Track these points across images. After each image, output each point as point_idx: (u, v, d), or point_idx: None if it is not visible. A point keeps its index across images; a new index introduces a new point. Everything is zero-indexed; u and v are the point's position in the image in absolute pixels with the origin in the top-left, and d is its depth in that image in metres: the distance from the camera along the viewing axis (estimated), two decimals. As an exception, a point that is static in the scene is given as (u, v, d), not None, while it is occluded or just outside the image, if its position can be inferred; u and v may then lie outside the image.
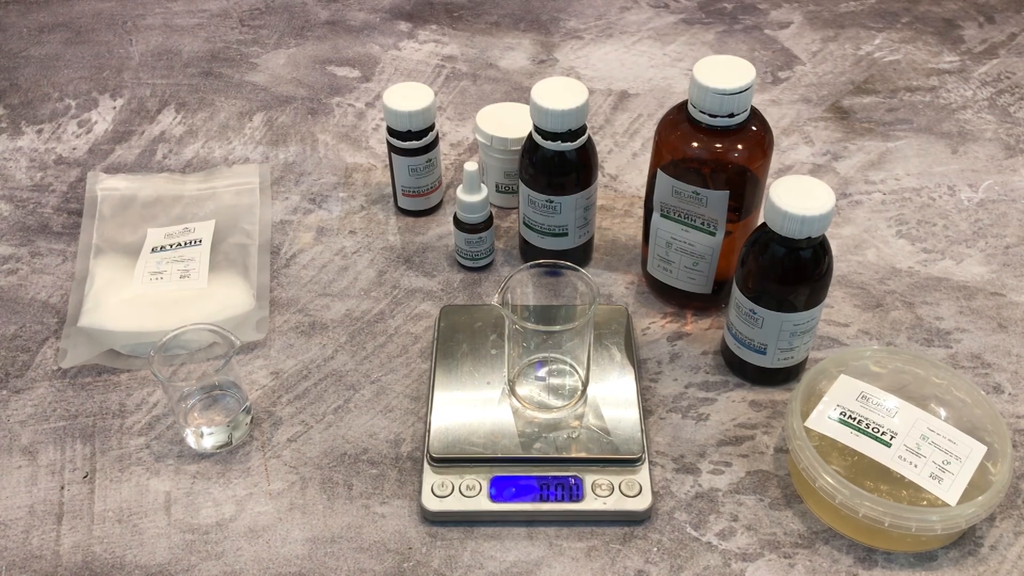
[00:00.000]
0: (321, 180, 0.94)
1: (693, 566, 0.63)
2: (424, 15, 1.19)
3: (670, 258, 0.77)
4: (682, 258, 0.76)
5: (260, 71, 1.09)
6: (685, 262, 0.76)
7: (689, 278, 0.77)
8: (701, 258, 0.75)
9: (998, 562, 0.63)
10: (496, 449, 0.67)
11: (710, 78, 0.67)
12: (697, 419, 0.72)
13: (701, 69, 0.68)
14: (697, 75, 0.67)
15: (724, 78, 0.66)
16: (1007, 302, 0.81)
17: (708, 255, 0.74)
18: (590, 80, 1.07)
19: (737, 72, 0.67)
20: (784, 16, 1.18)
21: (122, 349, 0.76)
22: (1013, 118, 1.01)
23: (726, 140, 0.69)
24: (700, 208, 0.71)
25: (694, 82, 0.67)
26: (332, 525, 0.65)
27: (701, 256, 0.75)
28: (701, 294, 0.78)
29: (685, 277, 0.77)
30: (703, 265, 0.75)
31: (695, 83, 0.67)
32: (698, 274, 0.76)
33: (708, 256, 0.74)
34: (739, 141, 0.69)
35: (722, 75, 0.67)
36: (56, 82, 1.07)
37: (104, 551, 0.64)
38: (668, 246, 0.76)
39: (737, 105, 0.67)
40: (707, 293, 0.78)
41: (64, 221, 0.89)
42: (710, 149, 0.69)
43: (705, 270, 0.76)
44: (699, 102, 0.68)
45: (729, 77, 0.67)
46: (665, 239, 0.76)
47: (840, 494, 0.61)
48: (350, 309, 0.80)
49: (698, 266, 0.76)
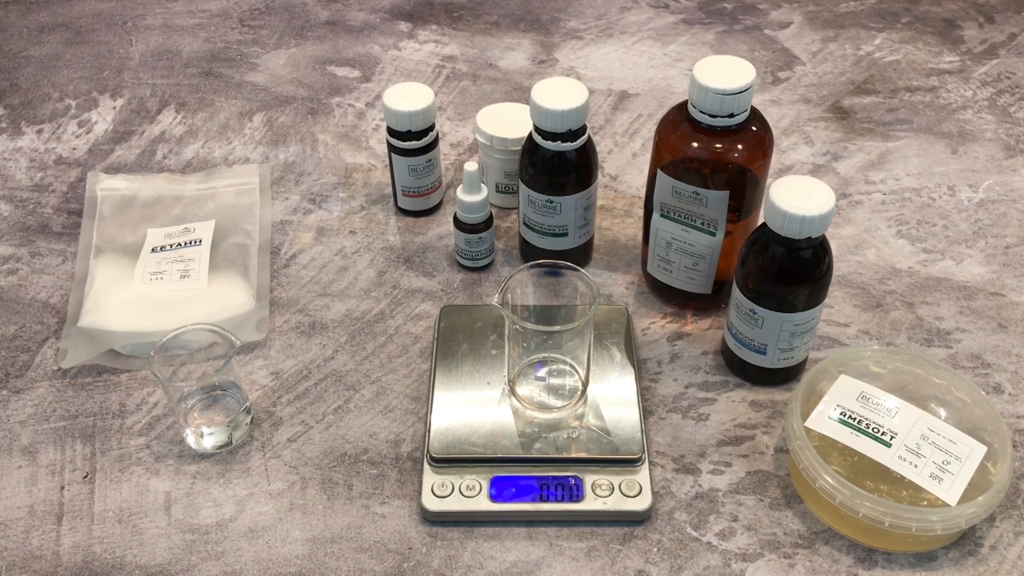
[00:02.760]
0: (321, 180, 0.94)
1: (693, 566, 0.63)
2: (424, 15, 1.19)
3: (670, 258, 0.76)
4: (682, 258, 0.76)
5: (260, 71, 1.09)
6: (685, 262, 0.76)
7: (689, 278, 0.77)
8: (701, 258, 0.75)
9: (998, 562, 0.63)
10: (496, 449, 0.67)
11: (710, 78, 0.67)
12: (697, 419, 0.72)
13: (701, 69, 0.68)
14: (697, 75, 0.67)
15: (724, 78, 0.66)
16: (1007, 302, 0.81)
17: (708, 255, 0.74)
18: (590, 80, 1.07)
19: (737, 72, 0.67)
20: (784, 16, 1.18)
21: (122, 349, 0.76)
22: (1013, 118, 1.01)
23: (726, 140, 0.69)
24: (700, 208, 0.71)
25: (694, 82, 0.67)
26: (332, 525, 0.65)
27: (701, 256, 0.75)
28: (701, 294, 0.78)
29: (685, 277, 0.77)
30: (703, 265, 0.75)
31: (695, 83, 0.67)
32: (698, 274, 0.76)
33: (708, 256, 0.74)
34: (739, 141, 0.69)
35: (722, 75, 0.67)
36: (56, 82, 1.07)
37: (104, 551, 0.64)
38: (668, 246, 0.76)
39: (737, 105, 0.67)
40: (707, 293, 0.78)
41: (64, 221, 0.89)
42: (710, 149, 0.69)
43: (705, 270, 0.76)
44: (699, 102, 0.68)
45: (729, 77, 0.67)
46: (665, 239, 0.76)
47: (840, 494, 0.61)
48: (350, 309, 0.80)
49: (698, 266, 0.76)
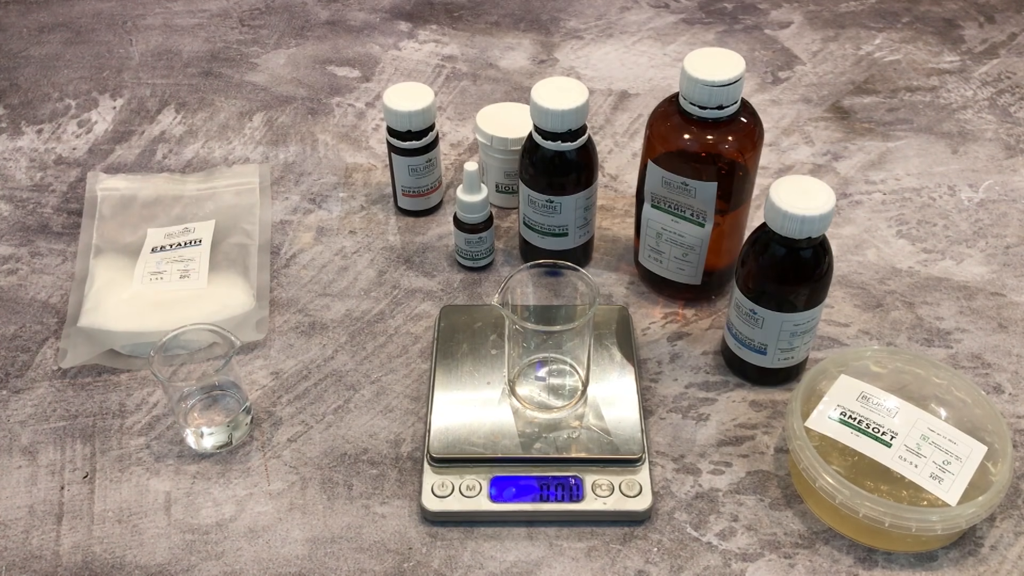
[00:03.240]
0: (321, 180, 0.94)
1: (693, 566, 0.63)
2: (424, 15, 1.19)
3: (660, 248, 0.77)
4: (672, 249, 0.76)
5: (260, 71, 1.09)
6: (675, 253, 0.76)
7: (679, 269, 0.77)
8: (690, 249, 0.75)
9: (998, 562, 0.63)
10: (496, 449, 0.67)
11: (700, 70, 0.67)
12: (697, 419, 0.72)
13: (691, 61, 0.68)
14: (687, 67, 0.67)
15: (713, 70, 0.67)
16: (1007, 302, 0.81)
17: (697, 246, 0.75)
18: (590, 80, 1.07)
19: (727, 64, 0.67)
20: (784, 16, 1.18)
21: (122, 349, 0.76)
22: (1013, 118, 1.01)
23: (716, 132, 0.69)
24: (689, 199, 0.72)
25: (684, 74, 0.68)
26: (332, 525, 0.65)
27: (690, 247, 0.75)
28: (691, 285, 0.78)
29: (675, 268, 0.77)
30: (692, 256, 0.76)
31: (685, 75, 0.67)
32: (687, 265, 0.77)
33: (697, 247, 0.75)
34: (729, 133, 0.69)
35: (712, 67, 0.67)
36: (56, 82, 1.07)
37: (104, 551, 0.64)
38: (658, 237, 0.76)
39: (726, 97, 0.67)
40: (696, 284, 0.78)
41: (64, 221, 0.89)
42: (700, 141, 0.70)
43: (694, 261, 0.76)
44: (689, 94, 0.68)
45: (719, 69, 0.67)
46: (656, 230, 0.76)
47: (840, 494, 0.61)
48: (350, 309, 0.80)
49: (687, 257, 0.76)
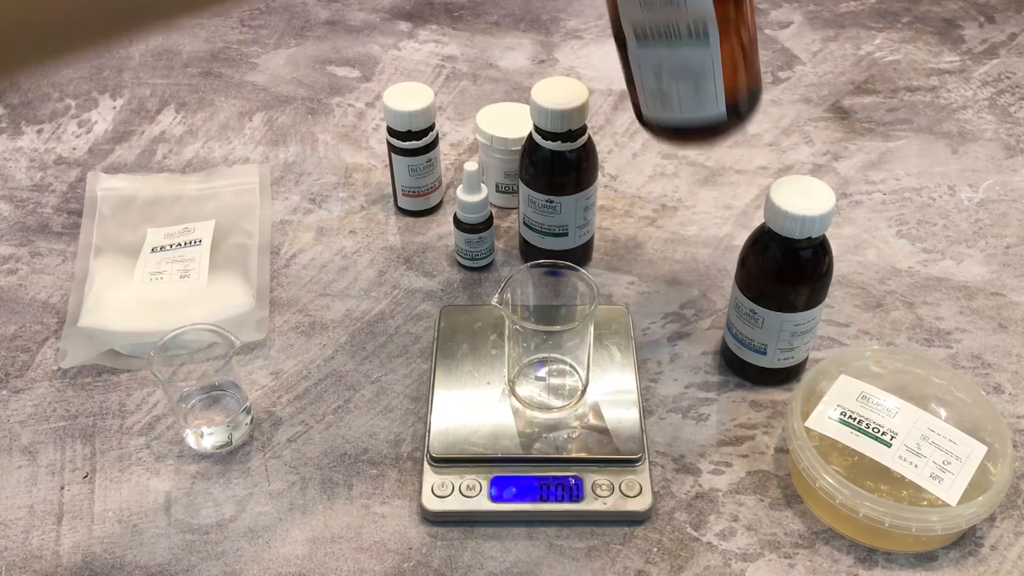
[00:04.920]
0: (321, 180, 0.94)
1: (693, 566, 0.63)
2: (424, 15, 1.19)
3: (666, 89, 0.63)
4: (679, 85, 0.62)
5: (260, 71, 1.09)
6: (684, 89, 0.63)
7: (696, 106, 0.63)
8: (700, 76, 0.62)
9: (998, 562, 0.63)
10: (496, 449, 0.67)
11: None
12: (697, 419, 0.72)
13: None
14: None
15: None
16: (1007, 302, 0.81)
17: (708, 68, 0.61)
18: (590, 80, 1.07)
19: None
20: (784, 16, 1.18)
21: (122, 349, 0.76)
22: (1013, 118, 1.01)
23: None
24: (678, 11, 0.58)
25: None
26: (332, 525, 0.65)
27: (700, 75, 0.62)
28: (717, 123, 0.64)
29: (691, 106, 0.63)
30: (705, 84, 0.62)
31: None
32: (704, 97, 0.63)
33: (708, 70, 0.61)
34: None
35: None
36: (56, 82, 1.07)
37: (104, 551, 0.64)
38: (658, 77, 0.63)
39: None
40: (723, 120, 0.64)
41: (64, 221, 0.89)
42: None
43: (711, 89, 0.62)
44: None
45: None
46: (652, 70, 0.63)
47: (840, 494, 0.61)
48: (350, 309, 0.80)
49: (700, 87, 0.62)
